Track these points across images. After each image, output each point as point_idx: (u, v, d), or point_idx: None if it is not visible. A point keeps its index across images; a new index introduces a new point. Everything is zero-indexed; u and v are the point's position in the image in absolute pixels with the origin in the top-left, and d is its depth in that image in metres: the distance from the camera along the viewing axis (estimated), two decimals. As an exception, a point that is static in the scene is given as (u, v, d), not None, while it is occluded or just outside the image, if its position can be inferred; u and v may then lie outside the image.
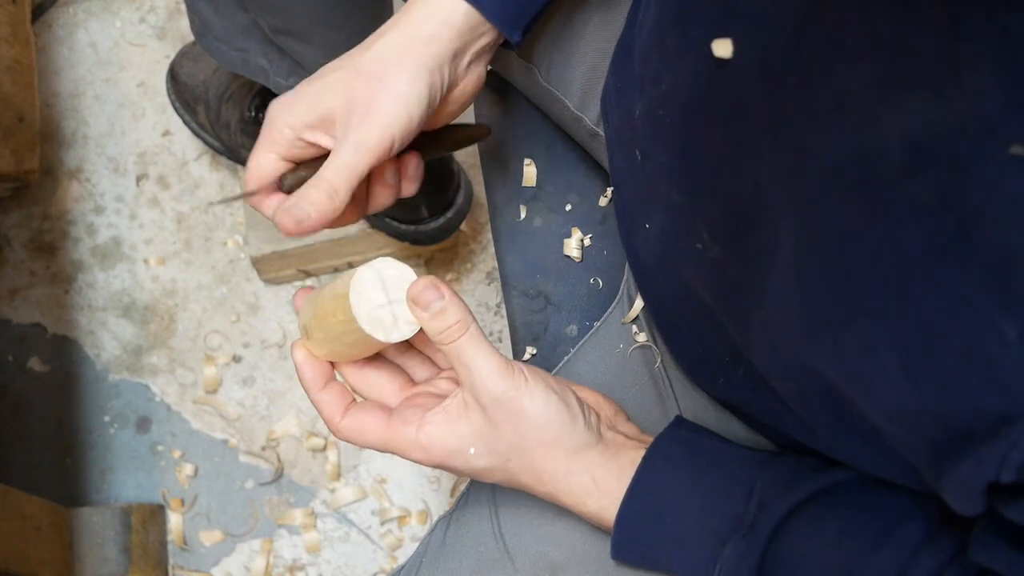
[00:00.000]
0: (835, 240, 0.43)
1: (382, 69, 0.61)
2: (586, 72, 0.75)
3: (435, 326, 0.55)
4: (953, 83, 0.37)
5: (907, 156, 0.39)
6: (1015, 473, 0.37)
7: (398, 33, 0.62)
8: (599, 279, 0.81)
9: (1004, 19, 0.35)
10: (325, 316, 0.58)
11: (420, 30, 0.62)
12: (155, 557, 1.26)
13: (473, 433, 0.57)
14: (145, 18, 1.50)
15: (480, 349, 0.55)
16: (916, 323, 0.40)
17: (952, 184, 0.37)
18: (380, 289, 0.56)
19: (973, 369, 0.38)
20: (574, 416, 0.58)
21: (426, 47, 0.62)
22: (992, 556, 0.44)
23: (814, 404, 0.51)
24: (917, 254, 0.39)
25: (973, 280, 0.37)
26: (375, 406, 0.60)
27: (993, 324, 0.37)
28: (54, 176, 1.43)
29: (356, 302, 0.55)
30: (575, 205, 0.82)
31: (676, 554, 0.58)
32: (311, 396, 0.60)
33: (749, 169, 0.49)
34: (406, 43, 0.62)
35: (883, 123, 0.40)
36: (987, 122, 0.36)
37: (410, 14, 0.62)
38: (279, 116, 0.63)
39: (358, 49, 0.63)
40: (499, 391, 0.55)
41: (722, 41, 0.49)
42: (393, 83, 0.61)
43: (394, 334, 0.56)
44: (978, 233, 0.37)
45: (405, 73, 0.61)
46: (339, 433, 0.59)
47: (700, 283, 0.58)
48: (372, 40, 0.63)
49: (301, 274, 1.36)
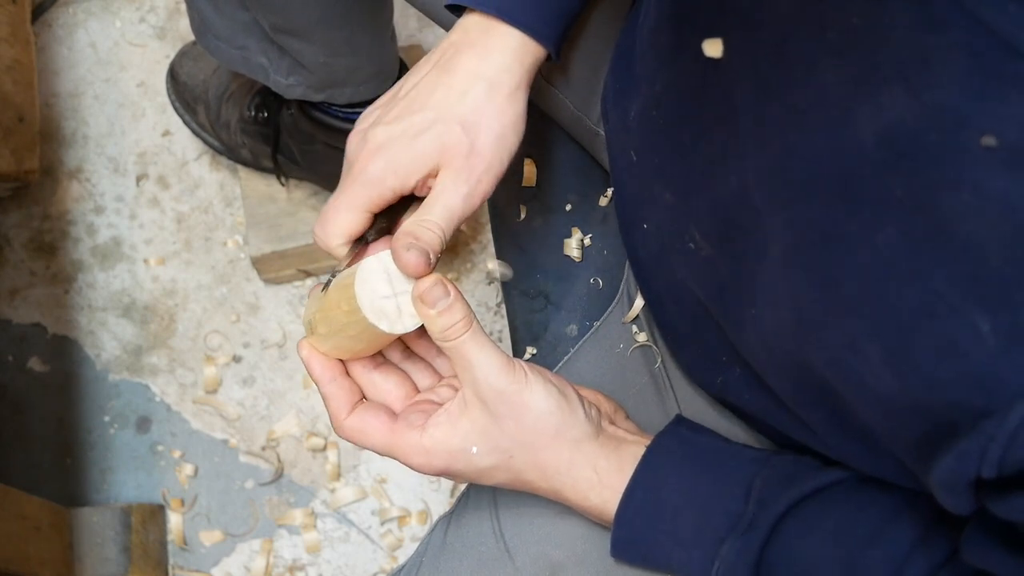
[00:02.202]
0: (818, 237, 0.43)
1: (485, 121, 0.61)
2: (587, 72, 0.75)
3: (441, 323, 0.55)
4: (925, 76, 0.37)
5: (881, 151, 0.39)
6: (995, 468, 0.37)
7: (488, 84, 0.62)
8: (599, 279, 0.81)
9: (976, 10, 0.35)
10: (330, 308, 0.58)
11: (507, 78, 0.62)
12: (155, 557, 1.26)
13: (476, 430, 0.57)
14: (145, 18, 1.50)
15: (483, 345, 0.56)
16: (894, 318, 0.40)
17: (925, 177, 0.37)
18: (385, 281, 0.56)
19: (949, 363, 0.38)
20: (574, 408, 0.58)
21: (518, 93, 0.63)
22: (982, 556, 0.44)
23: (809, 402, 0.51)
24: (892, 249, 0.39)
25: (946, 274, 0.37)
26: (381, 408, 0.60)
27: (967, 318, 0.37)
28: (54, 176, 1.43)
29: (361, 292, 0.55)
30: (575, 205, 0.82)
31: (675, 552, 0.58)
32: (321, 388, 0.60)
33: (737, 169, 0.49)
34: (499, 93, 0.62)
35: (858, 119, 0.40)
36: (958, 114, 0.36)
37: (490, 62, 0.62)
38: (381, 179, 0.61)
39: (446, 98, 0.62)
40: (501, 385, 0.55)
41: (713, 41, 0.49)
42: (500, 135, 0.62)
43: (398, 326, 0.56)
44: (950, 227, 0.37)
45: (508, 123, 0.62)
46: (342, 431, 0.59)
47: (694, 282, 0.58)
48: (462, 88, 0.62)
49: (301, 274, 1.36)
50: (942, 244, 0.37)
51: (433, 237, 0.58)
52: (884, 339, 0.40)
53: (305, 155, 1.22)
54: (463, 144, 0.60)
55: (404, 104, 0.62)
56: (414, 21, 1.45)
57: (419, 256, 0.56)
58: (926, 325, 0.38)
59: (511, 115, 0.62)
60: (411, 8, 1.16)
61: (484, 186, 0.61)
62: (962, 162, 0.36)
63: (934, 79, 0.36)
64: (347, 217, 0.61)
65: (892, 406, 0.42)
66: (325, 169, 1.22)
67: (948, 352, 0.38)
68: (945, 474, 0.40)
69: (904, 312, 0.39)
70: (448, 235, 0.61)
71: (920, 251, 0.38)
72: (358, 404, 0.60)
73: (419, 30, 1.45)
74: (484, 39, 0.62)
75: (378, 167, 0.61)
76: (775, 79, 0.45)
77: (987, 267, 0.36)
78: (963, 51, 0.35)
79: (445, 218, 0.60)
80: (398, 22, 1.18)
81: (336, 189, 0.63)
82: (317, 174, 1.26)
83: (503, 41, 0.62)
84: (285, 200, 1.31)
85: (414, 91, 0.63)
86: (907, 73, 0.37)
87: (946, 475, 0.40)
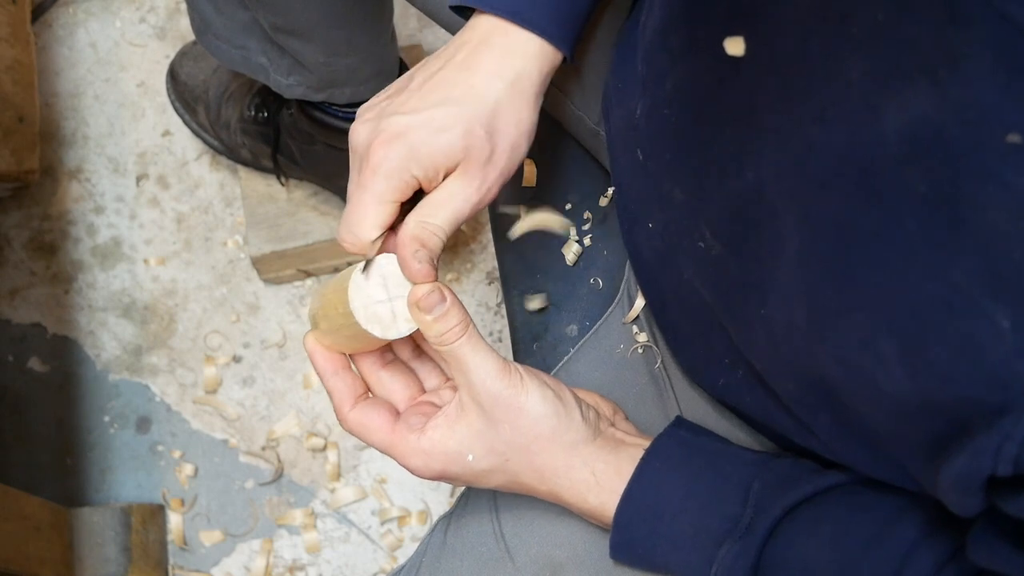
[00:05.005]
0: (835, 232, 0.43)
1: (505, 127, 0.60)
2: (588, 71, 0.75)
3: (437, 328, 0.55)
4: (950, 71, 0.37)
5: (905, 145, 0.39)
6: (1011, 466, 0.37)
7: (510, 88, 0.60)
8: (599, 279, 0.80)
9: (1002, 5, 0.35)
10: (328, 307, 0.58)
11: (529, 84, 0.61)
12: (155, 557, 1.26)
13: (472, 434, 0.57)
14: (145, 18, 1.49)
15: (478, 349, 0.55)
16: (912, 313, 0.39)
17: (948, 172, 0.37)
18: (380, 285, 0.56)
19: (967, 359, 0.38)
20: (570, 410, 0.58)
21: (537, 100, 0.62)
22: (991, 555, 0.43)
23: (812, 404, 0.51)
24: (912, 243, 0.39)
25: (966, 269, 0.37)
26: (385, 405, 0.60)
27: (986, 313, 0.36)
28: (54, 176, 1.43)
29: (355, 297, 0.55)
30: (575, 205, 0.82)
31: (673, 555, 0.58)
32: (324, 382, 0.60)
33: (753, 167, 0.49)
34: (521, 98, 0.61)
35: (882, 114, 0.40)
36: (984, 110, 0.36)
37: (512, 65, 0.61)
38: (405, 167, 0.58)
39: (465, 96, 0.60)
40: (497, 389, 0.55)
41: (734, 39, 0.49)
42: (516, 143, 0.61)
43: (391, 331, 0.56)
44: (972, 221, 0.37)
45: (525, 131, 0.62)
46: (345, 423, 0.59)
47: (702, 282, 0.58)
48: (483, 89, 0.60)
49: (301, 274, 1.36)
50: (964, 238, 0.37)
51: (438, 243, 0.58)
52: (900, 335, 0.40)
53: (305, 155, 1.21)
54: (485, 150, 0.59)
55: (420, 96, 0.60)
56: (414, 21, 1.45)
57: (427, 266, 0.55)
58: (945, 320, 0.38)
59: (528, 124, 0.62)
60: (411, 8, 1.16)
61: (492, 193, 0.61)
62: (986, 158, 0.36)
63: (960, 75, 0.36)
64: (377, 210, 0.58)
65: (901, 406, 0.42)
66: (325, 169, 1.22)
67: (966, 348, 0.38)
68: (957, 473, 0.40)
69: (923, 307, 0.39)
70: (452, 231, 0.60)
71: (942, 245, 0.38)
72: (362, 398, 0.60)
73: (419, 30, 1.45)
74: (504, 42, 0.61)
75: (400, 155, 0.58)
76: (798, 76, 0.45)
77: (1009, 263, 0.36)
78: (989, 47, 0.35)
79: (451, 223, 0.59)
80: (398, 22, 1.18)
81: (351, 182, 0.61)
82: (317, 174, 1.25)
83: (524, 47, 0.61)
84: (285, 200, 1.31)
85: (431, 83, 0.60)
86: (933, 69, 0.37)
87: (958, 474, 0.39)
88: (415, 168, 0.58)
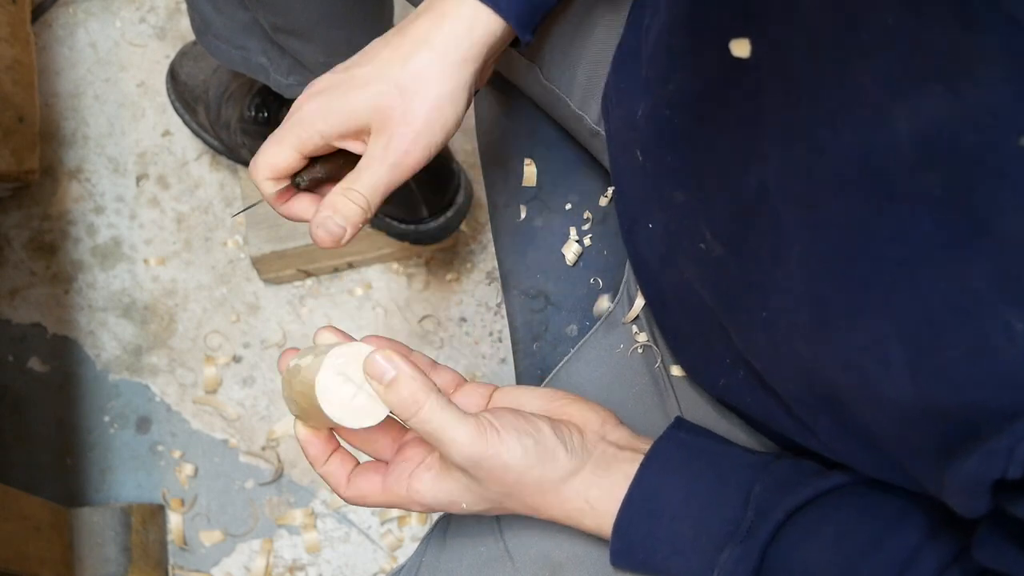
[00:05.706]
0: (844, 234, 0.43)
1: (423, 88, 0.61)
2: (588, 71, 0.75)
3: (389, 400, 0.54)
4: (963, 75, 0.36)
5: (918, 150, 0.39)
6: (1022, 469, 0.37)
7: (433, 51, 0.61)
8: (599, 279, 0.80)
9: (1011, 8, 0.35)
10: (300, 398, 0.57)
11: (454, 46, 0.62)
12: (155, 557, 1.26)
13: (460, 489, 0.57)
14: (145, 18, 1.50)
15: (445, 418, 0.54)
16: (923, 316, 0.39)
17: (962, 176, 0.37)
18: (345, 381, 0.54)
19: (980, 363, 0.38)
20: (553, 450, 0.57)
21: (464, 65, 0.62)
22: (997, 556, 0.43)
23: (813, 405, 0.51)
24: (925, 246, 0.39)
25: (981, 272, 0.37)
26: (371, 469, 0.60)
27: (1001, 316, 0.36)
28: (54, 176, 1.43)
29: (329, 409, 0.53)
30: (575, 205, 0.82)
31: (673, 559, 0.58)
32: (317, 470, 0.61)
33: (757, 169, 0.49)
34: (443, 60, 0.61)
35: (894, 118, 0.40)
36: (997, 113, 0.36)
37: (441, 28, 0.62)
38: (311, 120, 0.62)
39: (390, 58, 0.62)
40: (476, 454, 0.54)
41: (740, 41, 0.49)
42: (436, 105, 0.61)
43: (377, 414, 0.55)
44: (987, 224, 0.36)
45: (446, 92, 0.61)
46: (346, 500, 0.61)
47: (702, 284, 0.58)
48: (407, 51, 0.62)
49: (301, 274, 1.36)
50: (979, 240, 0.37)
51: (354, 210, 0.60)
52: (910, 339, 0.40)
53: (305, 155, 1.21)
54: (397, 109, 0.60)
55: (357, 57, 0.63)
56: (414, 21, 1.45)
57: (327, 235, 0.60)
58: (958, 323, 0.38)
59: (450, 86, 0.62)
60: (411, 8, 1.16)
61: (413, 157, 0.61)
62: (1001, 162, 0.36)
63: (973, 79, 0.36)
64: (274, 151, 0.62)
65: (905, 410, 0.42)
66: (325, 169, 1.22)
67: (978, 351, 0.37)
68: (966, 476, 0.39)
69: (935, 310, 0.39)
70: (375, 205, 0.61)
71: (956, 246, 0.38)
72: (352, 472, 0.61)
73: (419, 30, 1.45)
74: (441, 6, 0.62)
75: (310, 108, 0.62)
76: (806, 80, 0.45)
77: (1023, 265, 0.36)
78: (1001, 51, 0.35)
79: (370, 188, 0.61)
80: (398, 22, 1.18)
81: None
82: (317, 174, 1.25)
83: (456, 10, 0.62)
84: (285, 200, 1.31)
85: (373, 47, 0.64)
86: (945, 73, 0.37)
87: (967, 477, 0.39)
88: (320, 124, 0.61)
